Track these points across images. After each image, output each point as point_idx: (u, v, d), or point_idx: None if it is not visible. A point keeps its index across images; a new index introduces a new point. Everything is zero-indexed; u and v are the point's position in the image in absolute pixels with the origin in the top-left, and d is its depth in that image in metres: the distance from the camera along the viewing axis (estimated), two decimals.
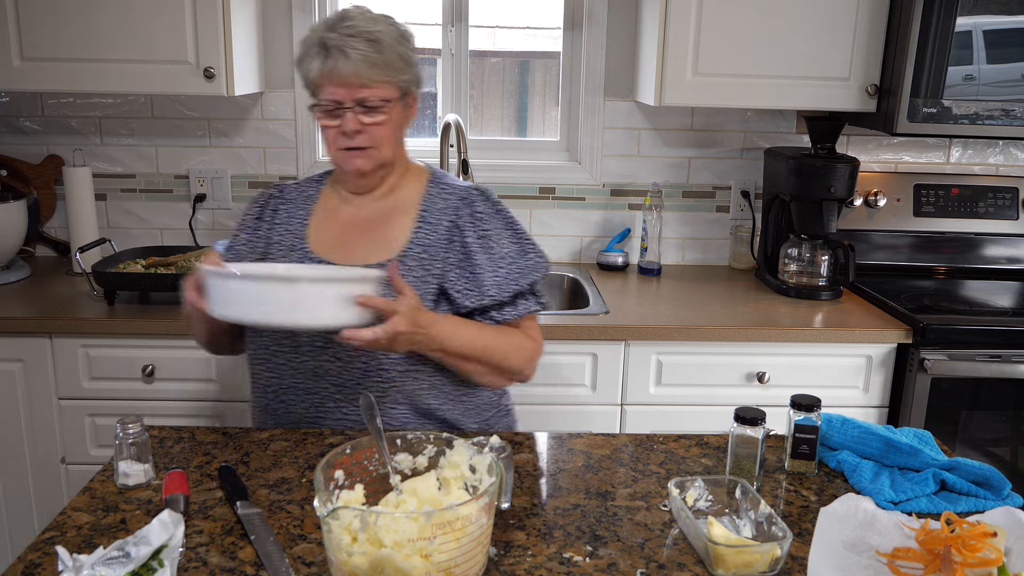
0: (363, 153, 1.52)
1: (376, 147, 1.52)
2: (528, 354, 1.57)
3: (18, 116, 2.62)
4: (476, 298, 1.53)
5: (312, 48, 1.48)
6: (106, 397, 2.16)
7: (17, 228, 2.43)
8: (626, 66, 2.65)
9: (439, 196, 1.60)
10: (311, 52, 1.48)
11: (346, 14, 1.50)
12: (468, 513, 0.98)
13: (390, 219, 1.59)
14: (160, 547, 1.02)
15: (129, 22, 2.23)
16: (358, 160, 1.53)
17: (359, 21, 1.48)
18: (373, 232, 1.58)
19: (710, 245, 2.81)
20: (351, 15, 1.49)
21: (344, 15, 1.49)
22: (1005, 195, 2.69)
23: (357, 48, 1.45)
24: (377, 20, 1.50)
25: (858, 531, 1.19)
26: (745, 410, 1.32)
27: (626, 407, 2.22)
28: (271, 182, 2.68)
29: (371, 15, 1.51)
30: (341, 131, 1.50)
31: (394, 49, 1.49)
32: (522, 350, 1.56)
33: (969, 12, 2.21)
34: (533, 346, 1.58)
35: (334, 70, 1.45)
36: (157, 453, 1.41)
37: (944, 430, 2.20)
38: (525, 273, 1.56)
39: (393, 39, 1.50)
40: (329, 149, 1.55)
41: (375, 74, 1.47)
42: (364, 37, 1.46)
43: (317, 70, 1.47)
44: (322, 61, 1.46)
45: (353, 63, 1.45)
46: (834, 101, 2.36)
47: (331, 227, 1.60)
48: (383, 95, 1.49)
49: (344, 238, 1.58)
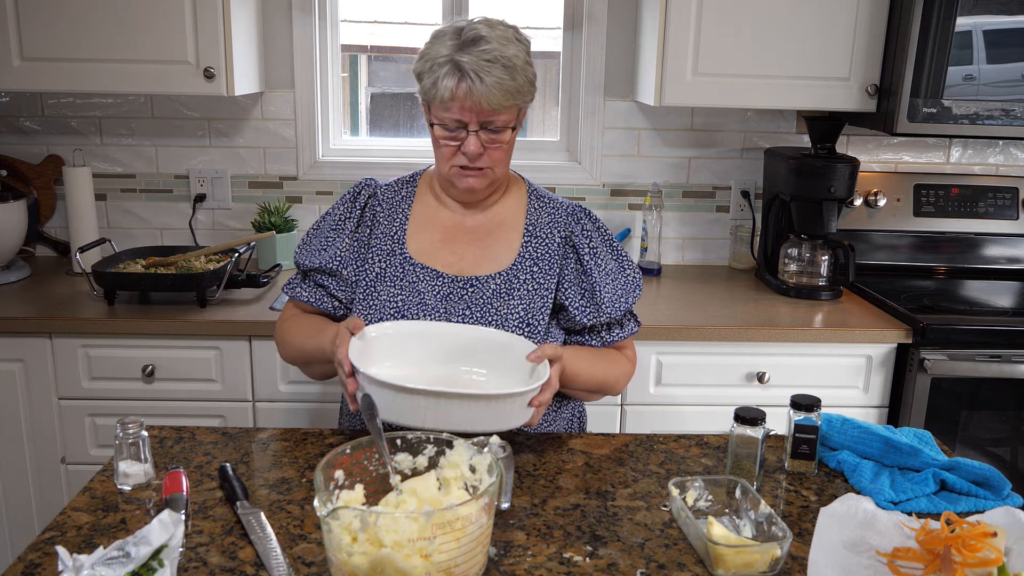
0: (479, 173, 1.52)
1: (492, 168, 1.52)
2: (629, 378, 1.65)
3: (18, 116, 2.62)
4: (593, 315, 1.55)
5: (444, 67, 1.43)
6: (106, 397, 2.16)
7: (17, 228, 2.43)
8: (626, 66, 2.65)
9: (544, 210, 1.61)
10: (441, 70, 1.44)
11: (480, 34, 1.44)
12: (468, 513, 0.98)
13: (497, 231, 1.59)
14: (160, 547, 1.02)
15: (129, 22, 2.23)
16: (471, 180, 1.52)
17: (495, 44, 1.43)
18: (481, 243, 1.58)
19: (710, 245, 2.81)
20: (486, 37, 1.44)
21: (478, 36, 1.44)
22: (1005, 195, 2.69)
23: (493, 75, 1.42)
24: (509, 41, 1.46)
25: (858, 531, 1.19)
26: (745, 410, 1.32)
27: (626, 407, 2.22)
28: (271, 182, 2.68)
29: (502, 34, 1.46)
30: (461, 151, 1.49)
31: (524, 74, 1.47)
32: (627, 376, 1.63)
33: (969, 12, 2.21)
34: (632, 369, 1.65)
35: (468, 94, 1.42)
36: (157, 453, 1.41)
37: (944, 430, 2.20)
38: (630, 290, 1.59)
39: (523, 62, 1.47)
40: (441, 164, 1.54)
41: (506, 100, 1.45)
42: (501, 64, 1.43)
43: (449, 91, 1.43)
44: (455, 83, 1.42)
45: (487, 89, 1.42)
46: (834, 101, 2.36)
47: (432, 233, 1.59)
48: (508, 119, 1.49)
49: (448, 246, 1.58)
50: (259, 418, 2.20)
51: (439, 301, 1.53)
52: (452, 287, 1.54)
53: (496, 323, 1.51)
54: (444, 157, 1.52)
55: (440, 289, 1.54)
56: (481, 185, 1.54)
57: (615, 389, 1.60)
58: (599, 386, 1.56)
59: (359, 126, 2.93)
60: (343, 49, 2.74)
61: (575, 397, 1.61)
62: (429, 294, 1.53)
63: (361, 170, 2.66)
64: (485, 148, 1.49)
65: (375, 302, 1.53)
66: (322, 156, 2.72)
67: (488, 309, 1.52)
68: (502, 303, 1.53)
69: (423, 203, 1.62)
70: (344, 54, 2.76)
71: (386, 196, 1.62)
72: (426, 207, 1.62)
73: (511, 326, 1.51)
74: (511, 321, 1.51)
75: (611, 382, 1.58)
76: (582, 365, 1.51)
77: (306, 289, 1.61)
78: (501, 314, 1.52)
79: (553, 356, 1.38)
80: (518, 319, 1.52)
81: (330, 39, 2.68)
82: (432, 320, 1.51)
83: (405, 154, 2.76)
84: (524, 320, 1.52)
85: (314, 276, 1.60)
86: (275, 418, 2.19)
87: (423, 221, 1.60)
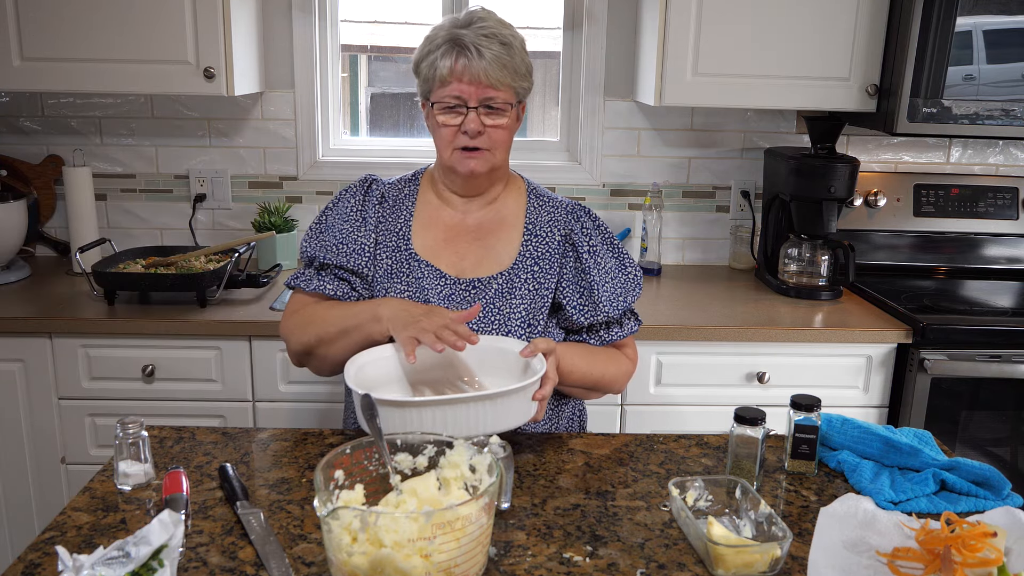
0: (479, 154, 1.53)
1: (492, 150, 1.53)
2: (629, 376, 1.64)
3: (18, 116, 2.62)
4: (591, 314, 1.55)
5: (443, 45, 1.48)
6: (106, 397, 2.16)
7: (17, 228, 2.43)
8: (626, 66, 2.65)
9: (543, 209, 1.62)
10: (440, 48, 1.48)
11: (477, 15, 1.51)
12: (468, 513, 0.98)
13: (498, 230, 1.60)
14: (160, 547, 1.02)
15: (129, 22, 2.23)
16: (472, 162, 1.53)
17: (491, 23, 1.49)
18: (482, 241, 1.59)
19: (710, 245, 2.81)
20: (483, 16, 1.50)
21: (475, 15, 1.50)
22: (1005, 195, 2.69)
23: (491, 48, 1.46)
24: (506, 25, 1.52)
25: (858, 531, 1.19)
26: (745, 410, 1.32)
27: (626, 407, 2.22)
28: (271, 182, 2.68)
29: (500, 18, 1.53)
30: (462, 130, 1.50)
31: (521, 56, 1.52)
32: (627, 375, 1.63)
33: (969, 12, 2.21)
34: (632, 368, 1.64)
35: (467, 67, 1.46)
36: (157, 453, 1.40)
37: (944, 430, 2.20)
38: (629, 289, 1.59)
39: (520, 46, 1.52)
40: (443, 149, 1.55)
41: (504, 76, 1.48)
42: (498, 39, 1.47)
43: (447, 67, 1.47)
44: (454, 58, 1.47)
45: (486, 62, 1.46)
46: (834, 101, 2.36)
47: (435, 231, 1.60)
48: (506, 98, 1.51)
49: (451, 245, 1.59)
50: (259, 418, 2.20)
51: (443, 301, 1.53)
52: (455, 288, 1.55)
53: (499, 323, 1.52)
54: (445, 141, 1.53)
55: (443, 289, 1.54)
56: (483, 168, 1.54)
57: (614, 387, 1.60)
58: (596, 383, 1.55)
59: (359, 126, 2.93)
60: (343, 49, 2.74)
61: (573, 395, 1.61)
62: (433, 292, 1.54)
63: (361, 170, 2.63)
64: (485, 127, 1.50)
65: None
66: (322, 156, 2.72)
67: (491, 310, 1.53)
68: (504, 303, 1.53)
69: (425, 201, 1.63)
70: (344, 54, 2.76)
71: (391, 193, 1.63)
72: (428, 205, 1.62)
73: (513, 326, 1.51)
74: (513, 321, 1.51)
75: (609, 379, 1.57)
76: (578, 361, 1.51)
77: (329, 282, 1.55)
78: (504, 314, 1.52)
79: (546, 350, 1.39)
80: (520, 319, 1.52)
81: (330, 39, 2.68)
82: None
83: (405, 154, 2.76)
84: (526, 320, 1.52)
85: (334, 270, 1.56)
86: (275, 418, 2.19)
87: (426, 219, 1.61)
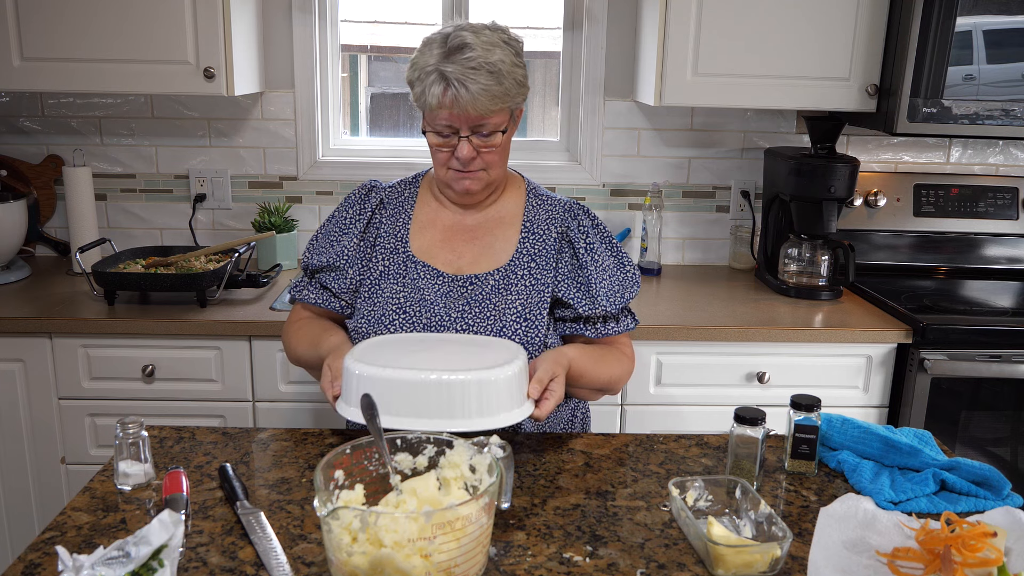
0: (473, 175, 1.54)
1: (487, 170, 1.54)
2: (629, 375, 1.65)
3: (18, 116, 2.62)
4: (590, 307, 1.56)
5: (431, 75, 1.45)
6: (106, 397, 2.16)
7: (17, 228, 2.43)
8: (626, 66, 2.65)
9: (541, 208, 1.63)
10: (428, 79, 1.46)
11: (464, 40, 1.45)
12: (468, 513, 0.98)
13: (495, 229, 1.61)
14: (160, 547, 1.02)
15: (129, 22, 2.23)
16: (467, 182, 1.54)
17: (479, 51, 1.44)
18: (479, 240, 1.60)
19: (710, 245, 2.81)
20: (470, 44, 1.45)
21: (463, 44, 1.45)
22: (1005, 195, 2.69)
23: (478, 81, 1.43)
24: (494, 46, 1.47)
25: (858, 531, 1.19)
26: (745, 410, 1.32)
27: (626, 407, 2.22)
28: (271, 182, 2.68)
29: (487, 38, 1.47)
30: (455, 156, 1.51)
31: (512, 77, 1.48)
32: (628, 373, 1.64)
33: (969, 12, 2.21)
34: (632, 366, 1.65)
35: (456, 100, 1.44)
36: (157, 453, 1.41)
37: (944, 430, 2.20)
38: (627, 286, 1.60)
39: (510, 65, 1.48)
40: (438, 169, 1.56)
41: (493, 104, 1.46)
42: (486, 70, 1.44)
43: (436, 98, 1.45)
44: (442, 91, 1.44)
45: (473, 96, 1.44)
46: (834, 101, 2.36)
47: (433, 233, 1.61)
48: (498, 122, 1.50)
49: (448, 244, 1.60)
50: (259, 418, 2.20)
51: (439, 298, 1.54)
52: (452, 285, 1.56)
53: (495, 319, 1.52)
54: (440, 162, 1.55)
55: (440, 287, 1.56)
56: (477, 187, 1.56)
57: (617, 387, 1.61)
58: (604, 385, 1.57)
59: (359, 126, 2.93)
60: (343, 49, 2.74)
61: (578, 396, 1.62)
62: (430, 291, 1.55)
63: (361, 170, 2.66)
64: (478, 152, 1.51)
65: (378, 299, 1.55)
66: (322, 156, 2.72)
67: (487, 306, 1.53)
68: (500, 299, 1.54)
69: (424, 203, 1.65)
70: (344, 54, 2.76)
71: (391, 197, 1.65)
72: (427, 207, 1.64)
73: (509, 321, 1.52)
74: (509, 316, 1.52)
75: (614, 381, 1.59)
76: (587, 364, 1.51)
77: (312, 291, 1.63)
78: (499, 310, 1.53)
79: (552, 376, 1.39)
80: (516, 314, 1.52)
81: (330, 39, 2.68)
82: (431, 318, 1.52)
83: (405, 154, 2.76)
84: (522, 315, 1.53)
85: (319, 277, 1.63)
86: (275, 418, 2.19)
87: (424, 221, 1.63)
